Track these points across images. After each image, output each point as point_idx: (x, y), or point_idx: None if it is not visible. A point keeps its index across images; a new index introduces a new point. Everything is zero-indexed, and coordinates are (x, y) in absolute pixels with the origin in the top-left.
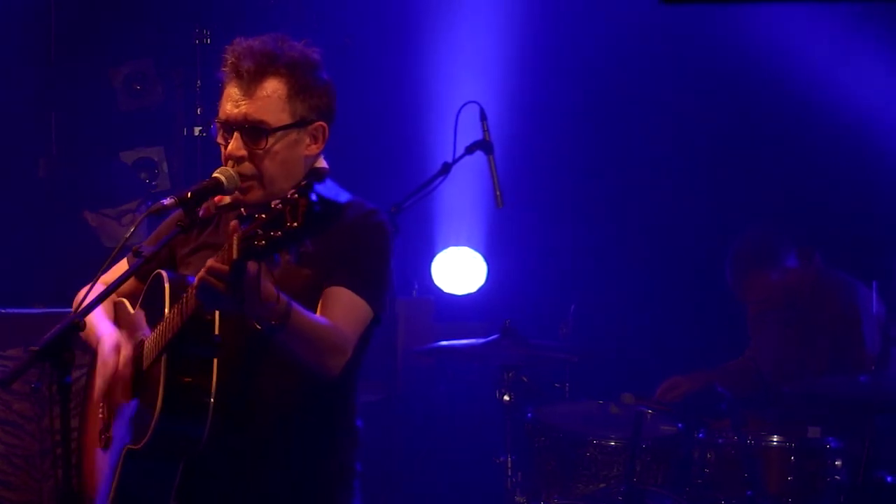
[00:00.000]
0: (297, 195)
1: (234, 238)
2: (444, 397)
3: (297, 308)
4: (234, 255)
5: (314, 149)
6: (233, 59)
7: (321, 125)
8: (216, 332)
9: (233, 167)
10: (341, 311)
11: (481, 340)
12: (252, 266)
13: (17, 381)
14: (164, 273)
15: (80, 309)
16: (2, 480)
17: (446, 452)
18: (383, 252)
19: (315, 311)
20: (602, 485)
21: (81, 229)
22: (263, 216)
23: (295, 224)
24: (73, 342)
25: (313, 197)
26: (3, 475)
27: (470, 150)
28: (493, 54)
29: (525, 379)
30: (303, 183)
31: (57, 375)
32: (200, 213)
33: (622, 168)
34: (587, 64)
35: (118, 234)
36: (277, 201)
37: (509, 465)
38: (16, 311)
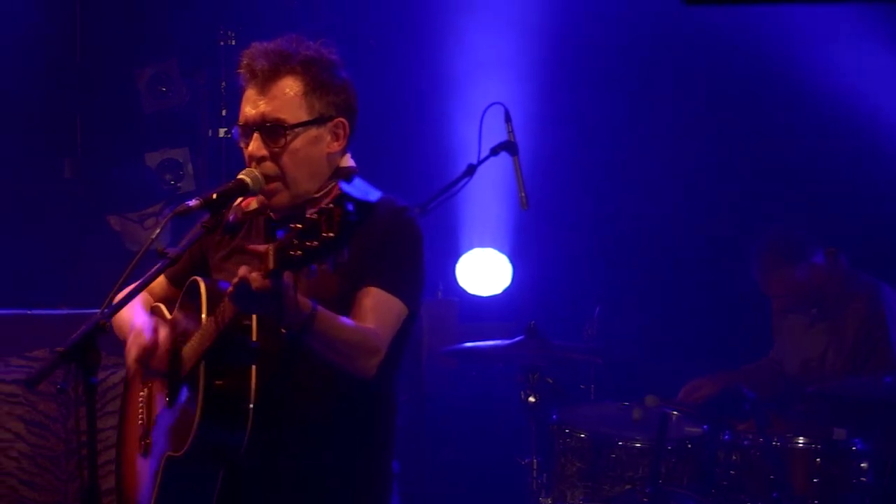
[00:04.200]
0: (332, 205)
1: (271, 248)
2: (469, 399)
3: (323, 311)
4: (271, 266)
5: (336, 146)
6: (248, 61)
7: (341, 121)
8: (254, 338)
9: (255, 168)
10: (374, 310)
11: (506, 342)
12: (287, 275)
13: (42, 381)
14: (200, 280)
15: (104, 310)
16: (27, 481)
17: (471, 454)
18: (414, 248)
19: (350, 315)
20: (627, 486)
21: (106, 230)
22: (299, 226)
23: (331, 234)
24: (98, 343)
25: (349, 206)
26: (29, 475)
27: (495, 151)
28: (518, 55)
29: (550, 381)
30: (332, 185)
31: (83, 376)
32: (230, 218)
33: (646, 169)
34: (611, 65)
35: (141, 238)
36: (314, 210)
37: (534, 466)
38: (41, 312)
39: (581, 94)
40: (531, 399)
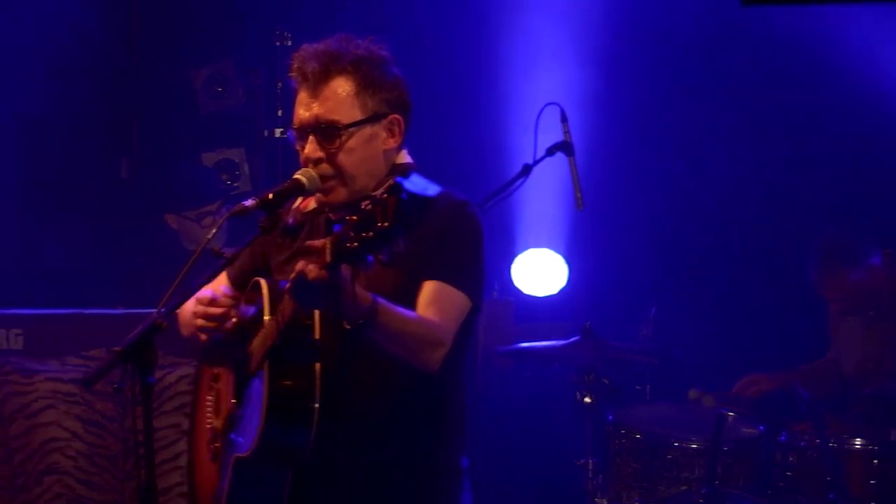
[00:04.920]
0: (385, 195)
1: (328, 241)
2: (524, 399)
3: (385, 305)
4: (328, 259)
5: (392, 142)
6: (298, 63)
7: (396, 118)
8: (316, 335)
9: (312, 169)
10: (436, 303)
11: (562, 342)
12: (345, 268)
13: (99, 381)
14: (262, 280)
15: (161, 309)
16: (84, 480)
17: (527, 454)
18: (475, 241)
19: (412, 309)
20: (683, 487)
21: (163, 230)
22: (354, 218)
23: (385, 224)
24: (155, 342)
25: (403, 196)
26: (86, 475)
27: (551, 151)
28: (575, 55)
29: (606, 381)
30: (389, 181)
31: (139, 376)
32: (290, 220)
33: (703, 170)
34: (669, 65)
35: (198, 236)
36: (367, 202)
37: (590, 467)
38: (98, 311)
39: (637, 93)
40: (587, 400)
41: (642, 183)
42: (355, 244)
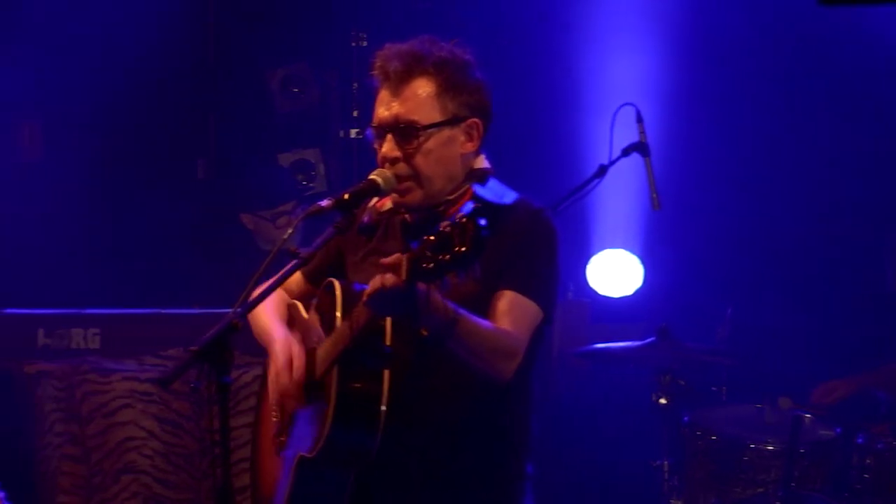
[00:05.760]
0: (464, 219)
1: (404, 259)
2: (600, 400)
3: (464, 314)
4: (403, 277)
5: (470, 147)
6: (381, 62)
7: (475, 122)
8: (387, 342)
9: (389, 169)
10: (510, 313)
11: (637, 343)
12: (421, 286)
13: (176, 380)
14: (335, 282)
15: (237, 309)
16: (161, 479)
17: (601, 455)
18: (549, 251)
19: (485, 316)
20: (759, 489)
21: (239, 230)
22: (432, 238)
23: (463, 248)
24: (231, 342)
25: (482, 221)
26: (163, 473)
27: (626, 152)
28: (650, 55)
29: (682, 382)
30: (466, 188)
31: (215, 375)
32: (366, 219)
33: (780, 170)
34: (745, 66)
35: (274, 236)
36: (447, 223)
37: (665, 469)
38: (175, 311)
39: (714, 94)
40: (662, 401)
41: (718, 183)
42: (431, 265)
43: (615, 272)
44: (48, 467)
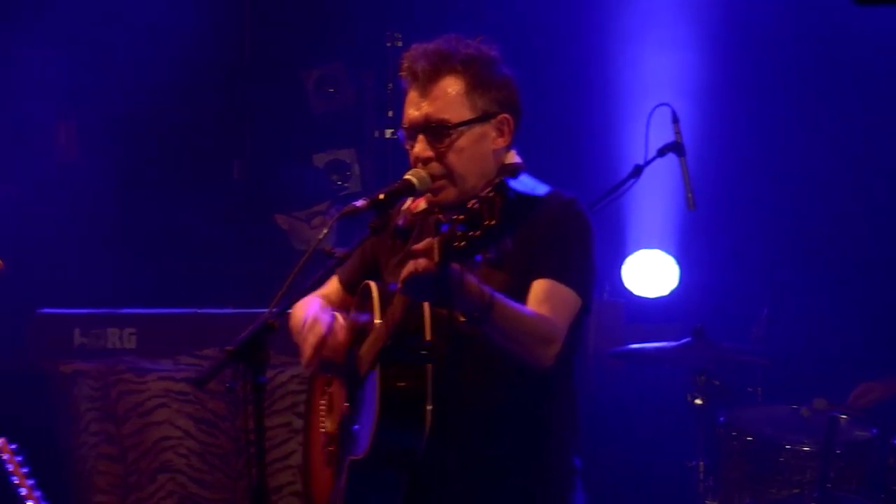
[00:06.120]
0: (491, 192)
1: (436, 241)
2: (635, 400)
3: (500, 298)
4: (436, 259)
5: (501, 142)
6: (408, 63)
7: (506, 118)
8: (427, 336)
9: (422, 168)
10: (548, 301)
11: (673, 344)
12: (454, 267)
13: (212, 380)
14: (371, 283)
15: (273, 309)
16: (197, 478)
17: (637, 456)
18: (584, 239)
19: None
20: (795, 490)
21: (274, 231)
22: (461, 217)
23: (493, 221)
24: (266, 342)
25: (509, 194)
26: (199, 473)
27: (662, 152)
28: (685, 55)
29: (717, 383)
30: (496, 180)
31: (251, 375)
32: (401, 222)
33: (815, 170)
34: (781, 66)
35: (308, 237)
36: (474, 200)
37: (701, 469)
38: (210, 311)
39: (749, 94)
40: (698, 401)
41: (754, 184)
42: (462, 243)
43: (650, 272)
44: (84, 467)
